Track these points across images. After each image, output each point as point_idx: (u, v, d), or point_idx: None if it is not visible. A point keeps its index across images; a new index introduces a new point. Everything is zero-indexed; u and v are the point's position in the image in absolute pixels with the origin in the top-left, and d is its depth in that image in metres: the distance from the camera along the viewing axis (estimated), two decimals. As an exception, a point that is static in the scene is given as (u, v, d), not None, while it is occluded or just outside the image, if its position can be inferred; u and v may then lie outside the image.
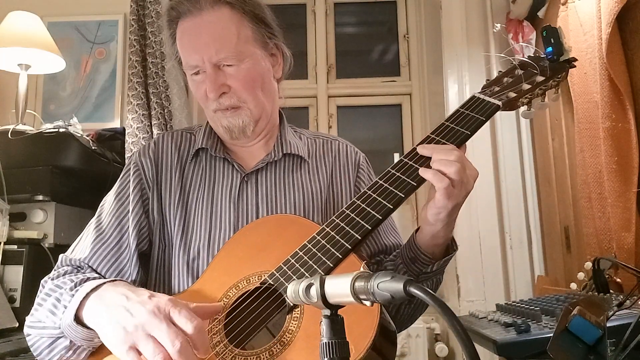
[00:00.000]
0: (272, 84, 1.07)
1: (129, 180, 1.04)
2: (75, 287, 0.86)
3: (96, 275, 0.93)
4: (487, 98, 0.96)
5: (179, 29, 1.01)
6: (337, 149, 1.14)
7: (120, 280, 0.89)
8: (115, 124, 2.37)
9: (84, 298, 0.82)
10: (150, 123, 2.20)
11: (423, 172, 0.87)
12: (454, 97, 2.29)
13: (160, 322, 0.74)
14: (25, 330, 0.91)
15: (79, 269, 0.97)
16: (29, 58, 2.02)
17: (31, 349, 0.91)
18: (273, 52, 1.07)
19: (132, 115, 2.19)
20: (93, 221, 1.03)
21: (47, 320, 0.86)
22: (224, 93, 0.99)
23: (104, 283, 0.85)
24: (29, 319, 0.91)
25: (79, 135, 1.89)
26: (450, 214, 0.87)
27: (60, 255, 1.00)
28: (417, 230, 0.94)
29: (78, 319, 0.82)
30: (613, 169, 1.43)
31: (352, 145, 1.17)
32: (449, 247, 0.95)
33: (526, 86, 0.97)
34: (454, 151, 0.87)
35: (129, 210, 1.01)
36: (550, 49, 0.98)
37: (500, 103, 0.94)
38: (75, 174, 1.87)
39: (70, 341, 0.85)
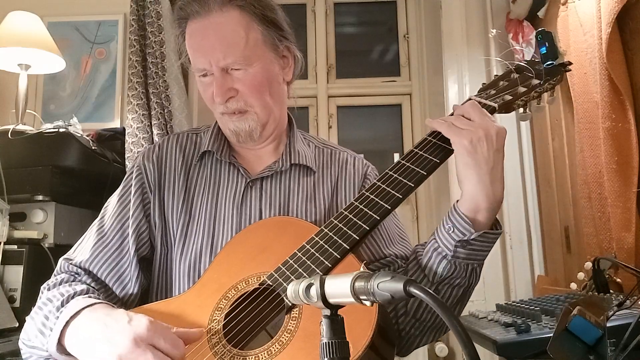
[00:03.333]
0: (280, 87, 1.05)
1: (131, 184, 1.03)
2: (62, 305, 0.85)
3: (84, 287, 0.91)
4: (483, 100, 0.97)
5: (188, 29, 0.99)
6: (345, 159, 1.11)
7: (100, 303, 0.87)
8: (115, 124, 2.37)
9: (65, 326, 0.82)
10: (150, 123, 2.20)
11: (429, 122, 0.92)
12: (454, 97, 2.29)
13: (143, 352, 0.74)
14: (19, 343, 0.92)
15: (76, 275, 0.97)
16: (29, 58, 2.02)
17: None
18: (284, 54, 1.04)
19: (132, 115, 2.19)
20: (96, 223, 1.03)
21: (36, 340, 0.87)
22: (231, 97, 0.98)
23: (83, 309, 0.83)
24: (22, 333, 0.91)
25: (79, 135, 1.89)
26: (474, 156, 0.83)
27: (60, 260, 1.00)
28: (458, 201, 0.88)
29: (62, 347, 0.82)
30: (613, 169, 1.43)
31: (361, 158, 1.14)
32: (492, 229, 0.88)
33: (522, 89, 0.98)
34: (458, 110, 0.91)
35: (129, 215, 1.00)
36: (544, 52, 0.99)
37: (496, 105, 0.95)
38: (75, 174, 1.87)
39: None
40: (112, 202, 1.04)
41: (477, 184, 0.84)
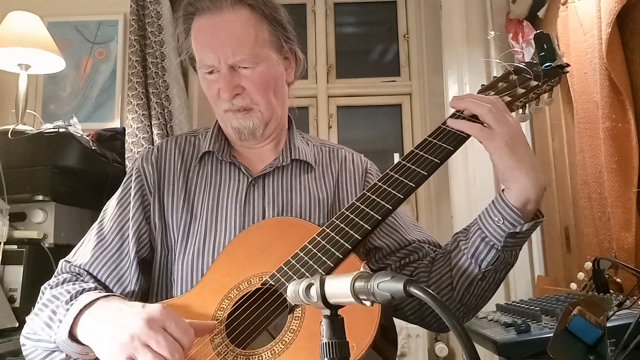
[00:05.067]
0: (284, 87, 1.07)
1: (131, 187, 1.04)
2: (71, 299, 0.86)
3: (92, 285, 0.92)
4: None
5: (195, 25, 0.99)
6: (344, 157, 1.13)
7: (113, 295, 0.88)
8: (115, 124, 2.37)
9: (78, 314, 0.82)
10: (150, 123, 2.20)
11: (452, 122, 0.90)
12: (454, 97, 2.28)
13: (156, 333, 0.74)
14: (21, 339, 0.91)
15: (78, 276, 0.97)
16: (29, 58, 2.01)
17: (26, 359, 0.91)
18: (287, 56, 1.06)
19: (132, 115, 2.19)
20: (95, 226, 1.03)
21: (42, 333, 0.86)
22: (237, 94, 0.99)
23: (98, 299, 0.84)
24: (25, 329, 0.91)
25: (79, 135, 1.89)
26: (514, 156, 0.84)
27: (61, 261, 1.00)
28: (502, 191, 0.89)
29: (72, 335, 0.82)
30: (613, 169, 1.43)
31: (359, 155, 1.16)
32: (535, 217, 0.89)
33: (520, 90, 0.99)
34: (484, 97, 0.89)
35: (129, 217, 1.00)
36: (543, 54, 0.99)
37: None
38: (75, 174, 1.87)
39: (66, 355, 0.85)
40: (111, 205, 1.04)
41: (526, 180, 0.84)
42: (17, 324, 1.59)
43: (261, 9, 0.99)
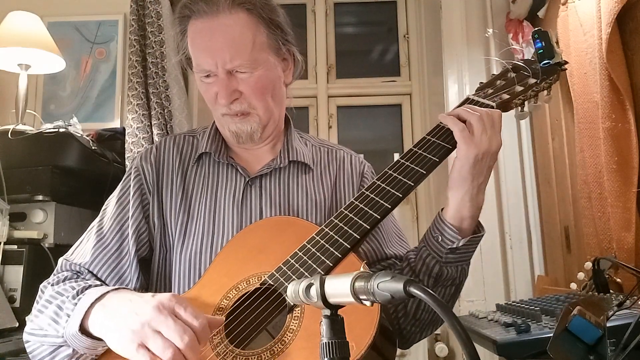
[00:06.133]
0: (281, 89, 1.06)
1: (130, 185, 1.04)
2: (78, 295, 0.85)
3: (98, 282, 0.92)
4: (481, 100, 0.97)
5: (191, 28, 0.98)
6: (342, 158, 1.12)
7: (123, 288, 0.88)
8: (115, 124, 2.37)
9: (89, 307, 0.82)
10: (150, 123, 2.20)
11: (442, 117, 0.92)
12: (454, 97, 2.29)
13: (165, 318, 0.74)
14: (25, 337, 0.91)
15: (79, 274, 0.97)
16: (29, 58, 2.02)
17: (30, 356, 0.90)
18: (285, 57, 1.05)
19: (132, 115, 2.19)
20: (95, 225, 1.03)
21: (49, 329, 0.86)
22: (235, 99, 0.98)
23: (109, 291, 0.84)
24: (28, 326, 0.90)
25: (79, 135, 1.89)
26: (473, 170, 0.86)
27: (60, 259, 1.00)
28: (442, 209, 0.93)
29: (83, 329, 0.82)
30: (613, 169, 1.43)
31: (357, 156, 1.16)
32: (475, 232, 0.92)
33: (519, 88, 0.99)
34: (480, 108, 0.90)
35: (129, 216, 1.00)
36: (541, 51, 0.99)
37: (494, 104, 0.96)
38: (75, 174, 1.87)
39: (73, 350, 0.84)
40: (110, 204, 1.04)
41: (465, 195, 0.88)
42: (17, 324, 1.59)
43: (258, 11, 0.97)
